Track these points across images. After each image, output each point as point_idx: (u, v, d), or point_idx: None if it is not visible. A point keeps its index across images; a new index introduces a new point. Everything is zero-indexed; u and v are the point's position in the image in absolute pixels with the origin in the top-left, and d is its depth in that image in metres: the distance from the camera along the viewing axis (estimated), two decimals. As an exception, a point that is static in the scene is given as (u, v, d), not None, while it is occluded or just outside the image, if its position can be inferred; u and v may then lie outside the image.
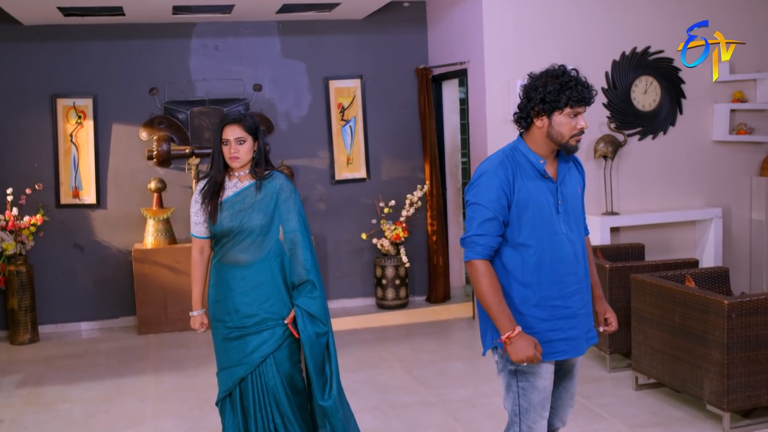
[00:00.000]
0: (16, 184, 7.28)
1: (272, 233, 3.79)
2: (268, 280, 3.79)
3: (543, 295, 3.13)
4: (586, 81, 3.06)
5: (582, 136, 3.09)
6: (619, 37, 6.91)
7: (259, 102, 7.82)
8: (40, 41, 7.38)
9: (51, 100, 7.44)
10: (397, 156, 8.13)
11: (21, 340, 7.16)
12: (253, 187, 3.83)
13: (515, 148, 3.19)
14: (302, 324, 3.77)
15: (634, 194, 7.06)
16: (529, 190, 3.09)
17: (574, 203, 3.18)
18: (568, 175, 3.20)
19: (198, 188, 3.91)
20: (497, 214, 3.08)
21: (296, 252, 3.80)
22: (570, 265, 3.14)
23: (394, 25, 8.03)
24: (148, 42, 7.59)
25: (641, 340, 5.09)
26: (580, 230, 3.21)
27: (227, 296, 3.83)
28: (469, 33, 7.03)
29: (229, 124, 3.80)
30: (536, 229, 3.10)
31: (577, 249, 3.16)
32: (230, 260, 3.82)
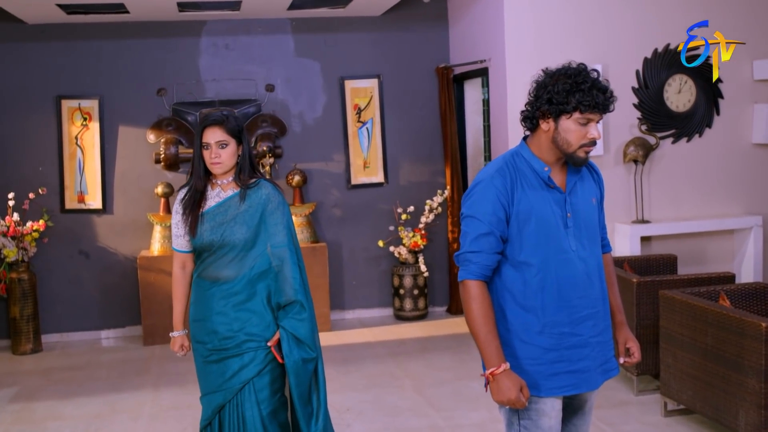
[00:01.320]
0: (20, 188, 7.03)
1: (257, 248, 3.44)
2: (251, 298, 3.44)
3: (548, 321, 2.74)
4: (606, 85, 2.67)
5: (593, 147, 2.69)
6: (651, 32, 6.44)
7: (271, 103, 7.49)
8: (45, 41, 7.13)
9: (56, 101, 7.18)
10: (417, 159, 7.75)
11: (23, 350, 6.91)
12: (236, 197, 3.48)
13: (517, 153, 2.81)
14: (287, 348, 3.41)
15: (666, 201, 6.59)
16: (531, 201, 2.72)
17: (587, 216, 2.79)
18: (579, 184, 2.81)
19: (178, 198, 3.58)
20: (493, 228, 2.71)
21: (284, 269, 3.44)
22: (581, 287, 2.75)
23: (413, 22, 7.65)
24: (156, 41, 7.30)
25: (670, 362, 4.65)
26: (594, 247, 2.81)
27: (207, 316, 3.49)
28: (490, 29, 6.63)
29: (210, 126, 3.45)
30: (540, 246, 2.72)
31: (590, 268, 2.77)
32: (210, 276, 3.48)
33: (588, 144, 2.68)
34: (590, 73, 2.67)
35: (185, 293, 3.62)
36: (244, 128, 3.55)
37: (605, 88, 2.66)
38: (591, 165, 2.93)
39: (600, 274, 2.83)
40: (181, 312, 3.64)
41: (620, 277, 5.23)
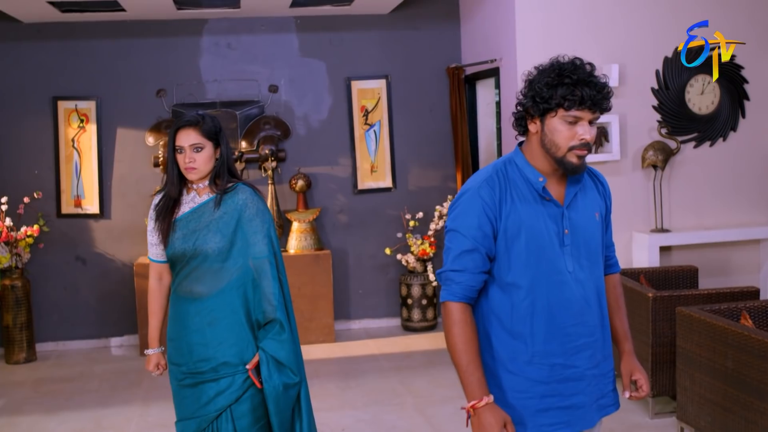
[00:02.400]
0: (15, 192, 6.81)
1: (233, 259, 3.14)
2: (228, 316, 3.13)
3: (538, 350, 2.43)
4: (599, 80, 2.36)
5: (586, 151, 2.37)
6: (671, 29, 6.07)
7: (275, 104, 7.21)
8: (41, 40, 6.90)
9: (52, 102, 6.94)
10: (426, 163, 7.43)
11: (16, 359, 6.67)
12: (211, 202, 3.20)
13: (510, 161, 2.51)
14: (267, 372, 3.10)
15: (687, 209, 6.22)
16: (522, 215, 2.42)
17: (588, 234, 2.49)
18: (581, 196, 2.50)
19: (153, 203, 3.30)
20: (478, 244, 2.42)
21: (262, 283, 3.14)
22: (577, 313, 2.45)
23: (423, 20, 7.34)
24: (156, 40, 7.05)
25: (687, 385, 4.29)
26: (595, 268, 2.50)
27: (181, 334, 3.21)
28: (502, 27, 6.30)
29: (183, 128, 3.17)
30: (530, 266, 2.42)
31: (588, 292, 2.47)
32: (184, 291, 3.19)
33: (579, 146, 2.36)
34: (580, 67, 2.36)
35: (162, 307, 3.35)
36: (222, 130, 3.26)
37: (596, 83, 2.34)
38: (595, 175, 2.61)
39: (600, 298, 2.52)
40: (156, 328, 3.36)
41: (635, 291, 4.89)
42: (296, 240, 7.03)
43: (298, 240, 7.03)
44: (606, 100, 2.35)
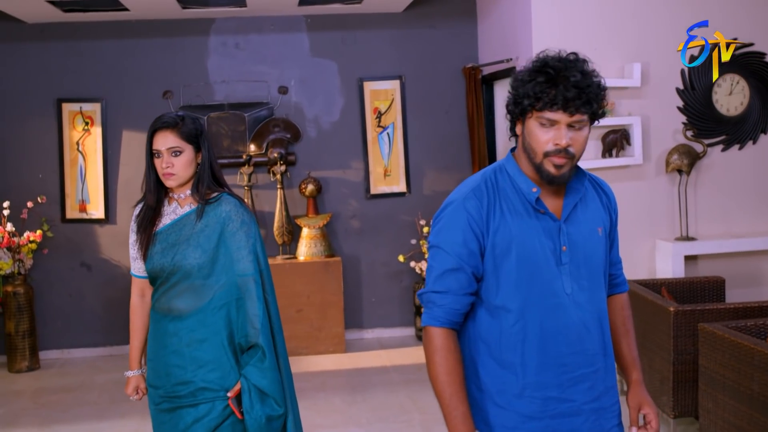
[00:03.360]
0: (18, 196, 6.64)
1: (215, 276, 2.88)
2: (208, 337, 2.87)
3: (530, 381, 2.16)
4: (584, 79, 2.05)
5: (565, 159, 2.09)
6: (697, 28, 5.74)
7: (285, 106, 6.98)
8: (45, 41, 6.74)
9: (56, 104, 6.78)
10: (442, 167, 7.16)
11: (18, 367, 6.51)
12: (193, 214, 2.95)
13: (501, 168, 2.26)
14: (248, 402, 2.84)
15: (714, 216, 5.87)
16: (512, 230, 2.16)
17: (589, 251, 2.22)
18: (581, 209, 2.24)
19: (134, 214, 3.07)
20: (463, 263, 2.16)
21: (246, 304, 2.88)
22: (575, 340, 2.17)
23: (438, 18, 7.07)
24: (162, 40, 6.85)
25: (710, 407, 3.98)
26: (597, 290, 2.23)
27: (159, 355, 2.95)
28: (518, 25, 6.01)
29: (160, 130, 2.92)
30: (521, 287, 2.15)
31: (588, 316, 2.20)
32: (163, 308, 2.94)
33: (554, 153, 2.08)
34: (562, 61, 2.09)
35: (143, 326, 3.10)
36: (205, 132, 3.01)
37: (575, 81, 2.04)
38: (599, 184, 2.34)
39: (602, 323, 2.24)
40: (137, 348, 3.11)
41: (656, 304, 4.58)
42: (306, 246, 6.79)
43: (308, 246, 6.79)
44: (585, 103, 2.05)
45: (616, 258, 2.42)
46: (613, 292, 2.44)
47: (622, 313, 2.44)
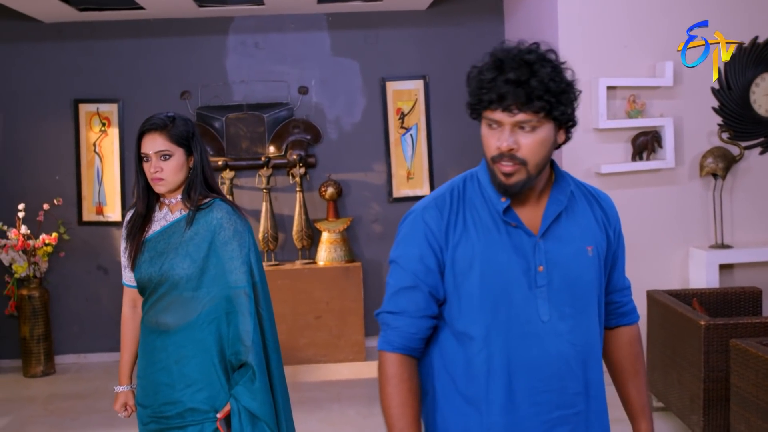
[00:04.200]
0: (34, 198, 6.54)
1: (205, 288, 2.71)
2: (197, 354, 2.70)
3: (495, 421, 1.89)
4: (532, 71, 1.79)
5: (509, 165, 1.84)
6: (734, 24, 5.42)
7: (305, 107, 6.80)
8: (62, 40, 6.63)
9: (73, 104, 6.66)
10: (466, 170, 6.90)
11: (33, 372, 6.41)
12: (183, 221, 2.77)
13: (472, 176, 2.03)
14: (238, 425, 2.66)
15: (752, 222, 5.55)
16: (476, 245, 1.90)
17: (573, 273, 1.93)
18: (566, 222, 1.96)
19: (125, 221, 2.90)
20: (419, 281, 1.93)
21: (236, 318, 2.70)
22: (551, 376, 1.89)
23: (464, 16, 6.82)
24: (179, 40, 6.70)
25: (742, 430, 3.70)
26: (585, 318, 1.94)
27: (148, 372, 2.79)
28: (545, 22, 5.75)
29: (148, 133, 2.76)
30: (484, 311, 1.89)
31: (570, 349, 1.91)
32: (151, 322, 2.78)
33: (498, 158, 1.85)
34: (508, 52, 1.83)
35: (134, 338, 2.93)
36: (196, 134, 2.83)
37: (516, 76, 1.78)
38: (595, 196, 2.05)
39: (589, 358, 1.95)
40: (127, 362, 2.95)
41: (686, 317, 4.30)
42: (326, 251, 6.60)
43: (328, 251, 6.59)
44: (527, 101, 1.78)
45: (620, 282, 2.12)
46: (619, 323, 2.14)
47: (630, 349, 2.13)
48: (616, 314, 2.13)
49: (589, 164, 5.42)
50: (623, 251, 2.10)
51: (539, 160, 1.83)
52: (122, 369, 2.97)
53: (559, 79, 1.81)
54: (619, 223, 2.07)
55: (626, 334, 2.13)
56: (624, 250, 2.10)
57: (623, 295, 2.13)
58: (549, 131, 1.83)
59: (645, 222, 5.46)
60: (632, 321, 2.15)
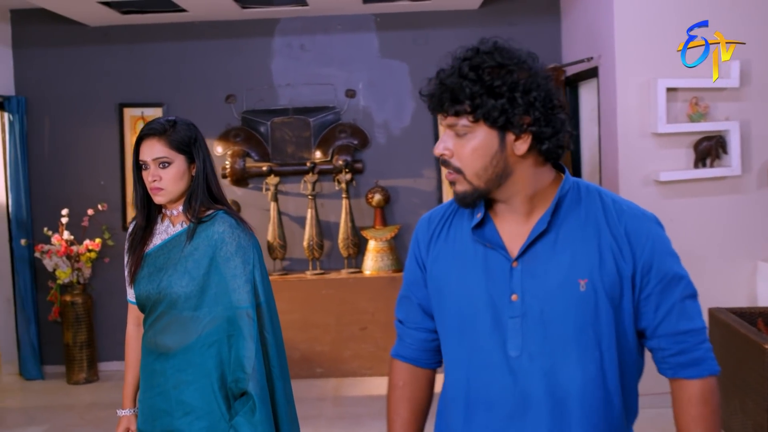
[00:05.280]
0: (79, 204, 6.48)
1: (206, 308, 2.48)
2: (197, 380, 2.48)
3: None
4: (462, 70, 1.64)
5: (453, 174, 1.69)
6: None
7: (352, 110, 6.58)
8: (107, 44, 6.56)
9: (118, 109, 6.58)
10: (521, 176, 6.59)
11: (76, 379, 6.34)
12: (184, 234, 2.56)
13: None
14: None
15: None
16: (450, 263, 1.77)
17: (555, 308, 1.66)
18: (556, 245, 1.69)
19: (128, 232, 2.72)
20: (410, 292, 1.90)
21: (238, 343, 2.46)
22: (507, 417, 1.68)
23: (518, 15, 6.51)
24: (224, 42, 6.56)
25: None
26: (570, 362, 1.66)
27: (146, 396, 2.58)
28: (602, 20, 5.41)
29: (147, 138, 2.54)
30: (452, 335, 1.76)
31: (535, 389, 1.66)
32: (150, 343, 2.56)
33: (443, 163, 1.71)
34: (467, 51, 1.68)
35: (138, 359, 2.71)
36: (199, 139, 2.61)
37: (444, 76, 1.67)
38: (621, 213, 1.72)
39: (579, 411, 1.66)
40: (131, 384, 2.74)
41: (749, 339, 3.93)
42: (372, 260, 6.37)
43: (374, 260, 6.36)
44: (449, 102, 1.64)
45: (669, 326, 1.72)
46: (676, 374, 1.74)
47: (690, 409, 1.71)
48: (671, 364, 1.74)
49: (647, 171, 5.06)
50: (673, 286, 1.71)
51: (477, 169, 1.65)
52: (125, 391, 2.77)
53: (492, 79, 1.62)
54: (659, 253, 1.71)
55: (686, 389, 1.73)
56: (677, 284, 1.72)
57: (679, 341, 1.73)
58: (486, 138, 1.64)
59: (708, 234, 5.07)
60: (695, 375, 1.72)
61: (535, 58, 1.68)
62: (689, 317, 1.71)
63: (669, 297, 1.70)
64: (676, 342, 1.72)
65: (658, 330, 1.72)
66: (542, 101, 1.64)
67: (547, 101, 1.65)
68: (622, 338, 1.70)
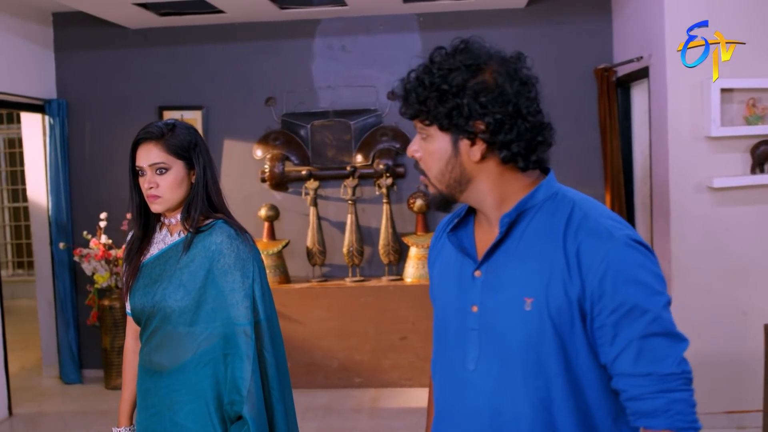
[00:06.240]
0: (119, 207, 6.41)
1: (202, 323, 2.32)
2: (191, 401, 2.32)
3: None
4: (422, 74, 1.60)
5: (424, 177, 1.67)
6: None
7: (393, 114, 6.39)
8: (147, 47, 6.51)
9: (158, 112, 6.52)
10: (570, 182, 6.18)
11: (114, 384, 6.29)
12: (181, 244, 2.41)
13: None
14: None
15: None
16: (440, 268, 1.77)
17: (502, 325, 1.56)
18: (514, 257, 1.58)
19: (126, 241, 2.59)
20: (432, 294, 1.84)
21: (233, 362, 2.30)
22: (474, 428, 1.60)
23: (566, 13, 6.25)
24: (263, 44, 6.44)
25: None
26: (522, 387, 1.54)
27: (141, 417, 2.44)
28: (653, 18, 5.13)
29: (143, 143, 2.41)
30: (434, 343, 1.76)
31: (487, 410, 1.57)
32: (144, 360, 2.43)
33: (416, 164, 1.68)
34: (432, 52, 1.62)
35: (136, 375, 2.56)
36: (200, 144, 2.46)
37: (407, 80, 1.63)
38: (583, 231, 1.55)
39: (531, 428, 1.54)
40: (128, 401, 2.59)
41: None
42: (413, 267, 6.18)
43: (416, 268, 6.17)
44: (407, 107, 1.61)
45: (622, 365, 1.51)
46: (636, 423, 1.54)
47: None
48: (630, 410, 1.53)
49: (700, 177, 4.76)
50: (633, 319, 1.49)
51: (436, 173, 1.62)
52: (121, 408, 2.62)
53: (441, 83, 1.56)
54: (616, 279, 1.49)
55: None
56: (637, 318, 1.49)
57: (635, 385, 1.51)
58: (441, 142, 1.60)
59: (765, 245, 4.75)
60: (650, 426, 1.50)
61: (506, 61, 1.60)
62: (652, 358, 1.48)
63: (626, 332, 1.49)
64: (632, 385, 1.50)
65: (614, 368, 1.52)
66: (500, 106, 1.54)
67: (507, 105, 1.55)
68: (576, 371, 1.53)
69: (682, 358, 1.49)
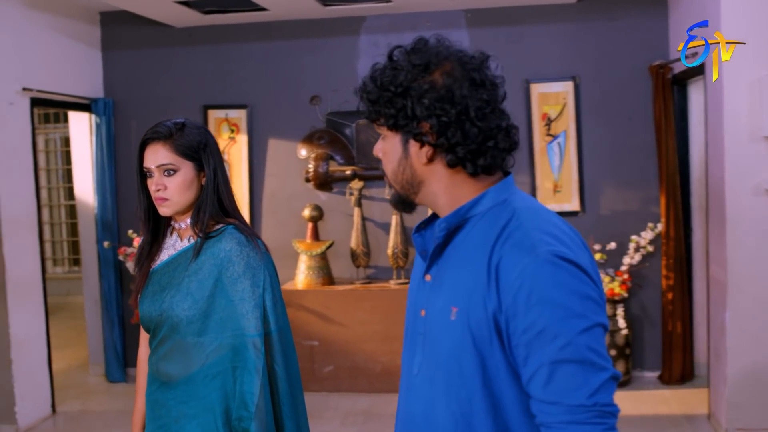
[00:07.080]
0: (163, 207, 6.43)
1: (211, 334, 2.23)
2: (199, 414, 2.23)
3: None
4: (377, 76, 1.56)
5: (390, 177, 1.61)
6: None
7: (440, 112, 6.25)
8: (191, 45, 6.48)
9: (203, 111, 6.49)
10: (623, 183, 6.09)
11: (156, 385, 6.27)
12: (190, 250, 2.30)
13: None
14: None
15: None
16: (414, 270, 1.75)
17: (434, 332, 1.54)
18: (454, 264, 1.54)
19: (138, 247, 2.50)
20: None
21: (242, 375, 2.20)
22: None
23: (620, 8, 6.01)
24: (308, 42, 6.36)
25: None
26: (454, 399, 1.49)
27: (149, 429, 2.35)
28: (708, 12, 4.88)
29: (151, 143, 2.32)
30: None
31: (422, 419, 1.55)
32: (153, 371, 2.34)
33: None
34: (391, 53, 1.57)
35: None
36: (210, 145, 2.35)
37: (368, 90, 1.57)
38: (509, 243, 1.45)
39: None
40: (140, 411, 2.52)
41: None
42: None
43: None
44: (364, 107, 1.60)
45: (535, 389, 1.40)
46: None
47: None
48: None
49: (758, 180, 4.51)
50: (542, 343, 1.38)
51: (390, 173, 1.61)
52: (134, 418, 2.54)
53: (388, 83, 1.53)
54: (529, 298, 1.38)
55: None
56: (547, 343, 1.37)
57: (542, 411, 1.41)
58: (392, 143, 1.58)
59: (830, 251, 4.49)
60: None
61: (463, 62, 1.54)
62: (562, 387, 1.36)
63: (537, 355, 1.39)
64: (542, 411, 1.41)
65: (528, 390, 1.42)
66: (446, 107, 1.48)
67: (454, 107, 1.48)
68: (495, 388, 1.46)
69: (599, 388, 1.36)
